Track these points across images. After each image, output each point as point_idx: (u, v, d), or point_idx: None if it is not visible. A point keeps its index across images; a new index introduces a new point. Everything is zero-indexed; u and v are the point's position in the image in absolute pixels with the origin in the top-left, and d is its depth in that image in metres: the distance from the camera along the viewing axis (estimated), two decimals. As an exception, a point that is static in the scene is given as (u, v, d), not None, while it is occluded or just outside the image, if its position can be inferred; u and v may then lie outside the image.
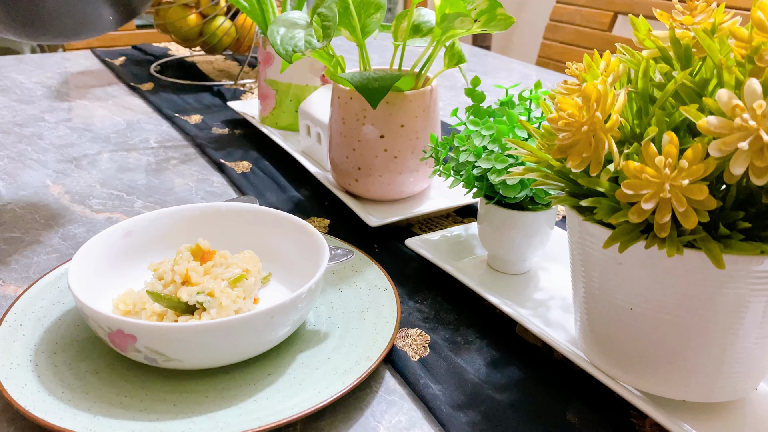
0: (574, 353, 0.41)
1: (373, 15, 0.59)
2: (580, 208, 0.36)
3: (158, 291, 0.43)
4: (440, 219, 0.64)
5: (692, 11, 0.36)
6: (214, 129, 0.88)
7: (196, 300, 0.42)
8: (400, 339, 0.46)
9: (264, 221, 0.51)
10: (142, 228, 0.49)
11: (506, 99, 0.52)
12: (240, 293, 0.43)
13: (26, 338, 0.42)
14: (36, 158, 0.76)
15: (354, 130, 0.59)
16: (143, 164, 0.76)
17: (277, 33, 0.54)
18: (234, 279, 0.44)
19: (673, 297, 0.33)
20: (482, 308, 0.50)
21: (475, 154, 0.49)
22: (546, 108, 0.39)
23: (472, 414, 0.39)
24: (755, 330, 0.34)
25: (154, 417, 0.37)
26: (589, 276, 0.38)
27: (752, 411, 0.38)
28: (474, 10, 0.54)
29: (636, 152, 0.32)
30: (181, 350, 0.38)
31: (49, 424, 0.35)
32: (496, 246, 0.52)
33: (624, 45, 0.37)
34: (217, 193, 0.70)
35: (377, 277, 0.50)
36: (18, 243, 0.57)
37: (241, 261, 0.46)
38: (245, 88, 1.06)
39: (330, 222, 0.63)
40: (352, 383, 0.39)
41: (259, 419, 0.36)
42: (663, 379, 0.36)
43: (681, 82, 0.32)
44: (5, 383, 0.38)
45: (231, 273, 0.44)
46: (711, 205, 0.29)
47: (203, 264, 0.45)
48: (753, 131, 0.27)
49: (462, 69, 0.61)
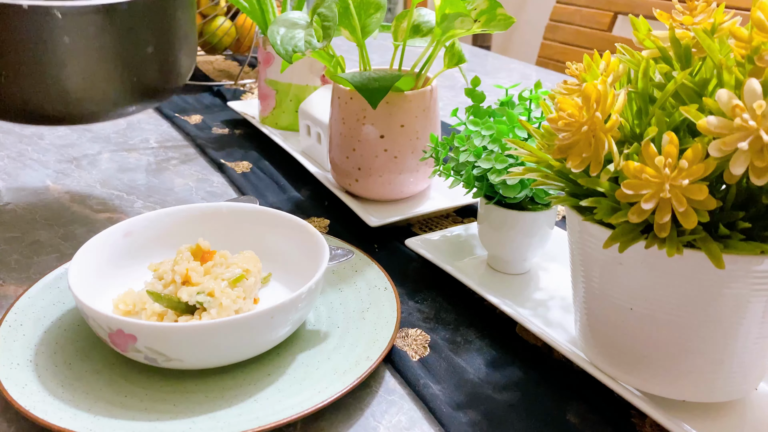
0: (574, 353, 0.41)
1: (373, 15, 0.59)
2: (580, 208, 0.36)
3: (158, 291, 0.43)
4: (440, 219, 0.64)
5: (692, 11, 0.36)
6: (215, 129, 0.88)
7: (196, 300, 0.42)
8: (400, 339, 0.46)
9: (264, 221, 0.51)
10: (142, 228, 0.49)
11: (506, 99, 0.52)
12: (240, 293, 0.43)
13: (26, 338, 0.42)
14: (36, 158, 0.76)
15: (354, 130, 0.59)
16: (143, 164, 0.76)
17: (277, 33, 0.54)
18: (234, 279, 0.44)
19: (673, 297, 0.33)
20: (482, 308, 0.50)
21: (475, 154, 0.49)
22: (546, 108, 0.39)
23: (472, 414, 0.39)
24: (755, 330, 0.34)
25: (154, 417, 0.37)
26: (589, 276, 0.38)
27: (752, 411, 0.38)
28: (474, 10, 0.54)
29: (636, 152, 0.32)
30: (181, 350, 0.38)
31: (49, 424, 0.35)
32: (496, 246, 0.52)
33: (624, 45, 0.37)
34: (217, 193, 0.70)
35: (377, 277, 0.50)
36: (18, 243, 0.57)
37: (241, 261, 0.46)
38: (245, 88, 1.06)
39: (330, 222, 0.63)
40: (352, 383, 0.39)
41: (259, 419, 0.36)
42: (663, 379, 0.36)
43: (681, 82, 0.32)
44: (5, 383, 0.38)
45: (231, 273, 0.44)
46: (711, 205, 0.29)
47: (203, 264, 0.45)
48: (753, 131, 0.27)
49: (462, 69, 0.61)
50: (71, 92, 0.52)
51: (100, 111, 0.55)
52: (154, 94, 0.58)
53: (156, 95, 0.59)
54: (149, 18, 0.54)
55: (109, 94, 0.54)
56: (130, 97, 0.56)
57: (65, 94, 0.52)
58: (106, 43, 0.52)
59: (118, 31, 0.52)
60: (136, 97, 0.56)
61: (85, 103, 0.53)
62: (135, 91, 0.56)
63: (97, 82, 0.53)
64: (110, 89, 0.54)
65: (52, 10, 0.46)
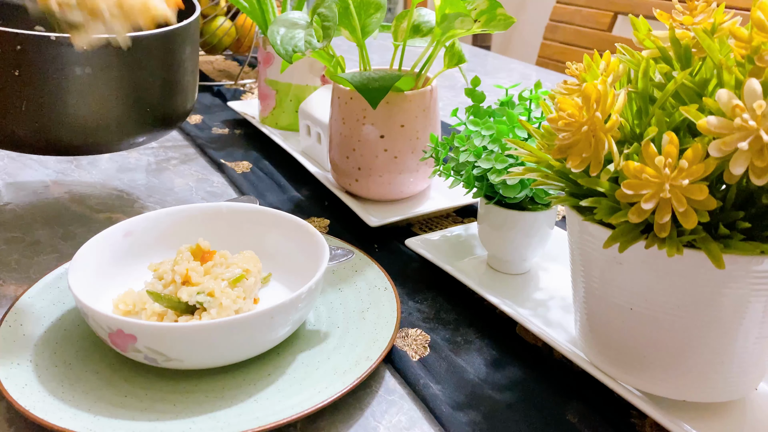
0: (574, 353, 0.41)
1: (373, 15, 0.59)
2: (580, 208, 0.36)
3: (158, 291, 0.43)
4: (440, 219, 0.64)
5: (692, 11, 0.36)
6: (214, 129, 0.88)
7: (196, 300, 0.42)
8: (400, 339, 0.46)
9: (264, 221, 0.51)
10: (142, 228, 0.49)
11: (506, 99, 0.52)
12: (240, 293, 0.43)
13: (26, 338, 0.42)
14: (36, 158, 0.76)
15: (354, 130, 0.59)
16: (143, 164, 0.76)
17: (277, 33, 0.54)
18: (234, 279, 0.44)
19: (673, 297, 0.33)
20: (482, 308, 0.50)
21: (475, 154, 0.49)
22: (546, 108, 0.39)
23: (472, 414, 0.39)
24: (755, 330, 0.34)
25: (154, 417, 0.37)
26: (589, 276, 0.38)
27: (752, 411, 0.38)
28: (474, 10, 0.54)
29: (636, 152, 0.32)
30: (181, 350, 0.38)
31: (49, 424, 0.35)
32: (496, 246, 0.52)
33: (624, 45, 0.37)
34: (217, 193, 0.70)
35: (377, 277, 0.50)
36: (18, 243, 0.57)
37: (241, 261, 0.46)
38: (245, 88, 1.06)
39: (330, 222, 0.63)
40: (352, 383, 0.39)
41: (259, 419, 0.36)
42: (663, 379, 0.36)
43: (681, 82, 0.32)
44: (5, 383, 0.38)
45: (231, 273, 0.44)
46: (711, 205, 0.29)
47: (203, 264, 0.45)
48: (753, 131, 0.27)
49: (462, 69, 0.61)
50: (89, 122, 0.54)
51: (114, 141, 0.57)
52: (164, 124, 0.60)
53: (166, 125, 0.61)
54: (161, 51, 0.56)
55: (124, 124, 0.56)
56: (143, 127, 0.58)
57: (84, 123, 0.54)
58: (124, 74, 0.54)
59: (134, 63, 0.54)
60: (147, 127, 0.59)
61: (102, 133, 0.55)
62: (147, 121, 0.58)
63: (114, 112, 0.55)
64: (125, 119, 0.56)
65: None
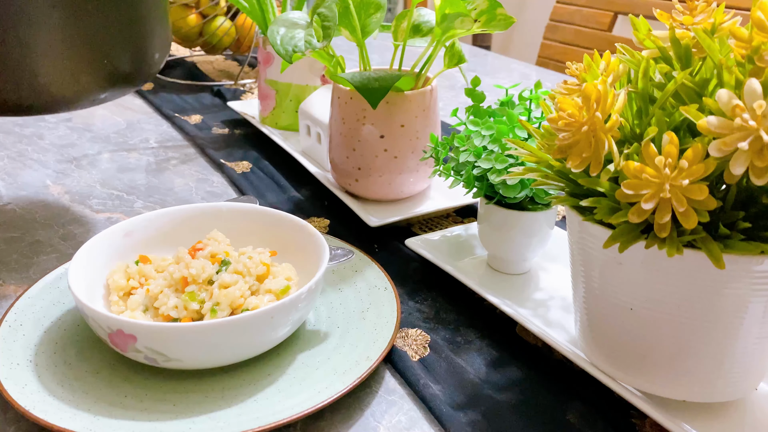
0: (574, 353, 0.41)
1: (373, 15, 0.59)
2: (580, 208, 0.36)
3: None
4: (440, 219, 0.64)
5: (692, 11, 0.36)
6: (214, 129, 0.88)
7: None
8: (400, 339, 0.46)
9: (264, 221, 0.51)
10: (142, 228, 0.49)
11: (506, 99, 0.52)
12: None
13: (26, 338, 0.42)
14: (36, 158, 0.76)
15: (354, 130, 0.59)
16: (143, 164, 0.76)
17: (277, 33, 0.54)
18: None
19: (673, 297, 0.33)
20: (482, 308, 0.50)
21: (475, 154, 0.49)
22: (546, 108, 0.39)
23: (472, 414, 0.39)
24: (755, 330, 0.34)
25: (154, 417, 0.37)
26: (589, 276, 0.38)
27: (752, 411, 0.38)
28: (474, 10, 0.54)
29: (636, 152, 0.32)
30: (181, 350, 0.38)
31: (49, 424, 0.35)
32: (496, 246, 0.52)
33: (624, 45, 0.37)
34: (217, 193, 0.70)
35: (377, 277, 0.49)
36: (18, 243, 0.57)
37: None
38: (245, 88, 1.06)
39: (330, 222, 0.63)
40: (352, 383, 0.39)
41: (259, 419, 0.36)
42: (663, 379, 0.36)
43: (681, 82, 0.32)
44: (5, 383, 0.38)
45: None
46: (711, 205, 0.29)
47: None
48: (753, 131, 0.27)
49: (462, 69, 0.61)
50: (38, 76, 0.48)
51: (71, 98, 0.51)
52: (127, 78, 0.54)
53: (129, 79, 0.54)
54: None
55: (78, 78, 0.50)
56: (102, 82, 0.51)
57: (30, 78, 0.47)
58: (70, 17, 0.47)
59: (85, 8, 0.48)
60: (107, 82, 0.52)
61: (54, 88, 0.49)
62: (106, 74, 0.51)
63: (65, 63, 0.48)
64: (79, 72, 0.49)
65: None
